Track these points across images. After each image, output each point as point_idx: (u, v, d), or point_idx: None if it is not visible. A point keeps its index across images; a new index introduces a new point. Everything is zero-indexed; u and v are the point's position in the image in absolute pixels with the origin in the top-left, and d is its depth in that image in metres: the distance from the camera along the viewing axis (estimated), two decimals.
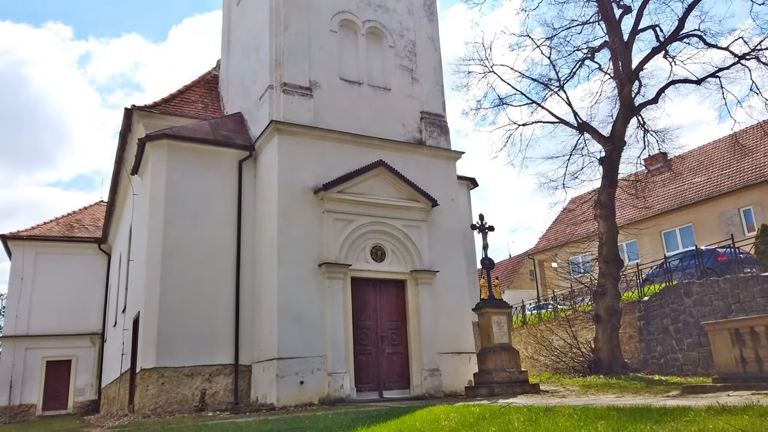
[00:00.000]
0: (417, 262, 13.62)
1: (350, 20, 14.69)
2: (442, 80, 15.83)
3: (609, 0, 16.27)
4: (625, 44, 16.05)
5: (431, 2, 16.31)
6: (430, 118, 15.17)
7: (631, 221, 25.83)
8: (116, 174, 18.73)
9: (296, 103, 13.25)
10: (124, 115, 15.48)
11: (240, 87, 16.21)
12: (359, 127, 13.86)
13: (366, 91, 14.46)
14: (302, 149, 13.02)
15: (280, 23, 13.66)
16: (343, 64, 14.30)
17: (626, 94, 15.75)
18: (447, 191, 14.70)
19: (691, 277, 16.19)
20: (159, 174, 13.18)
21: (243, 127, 14.95)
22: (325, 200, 12.85)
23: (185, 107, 16.45)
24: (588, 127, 16.50)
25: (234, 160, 13.90)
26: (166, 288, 12.40)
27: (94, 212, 26.67)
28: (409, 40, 15.55)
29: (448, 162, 15.16)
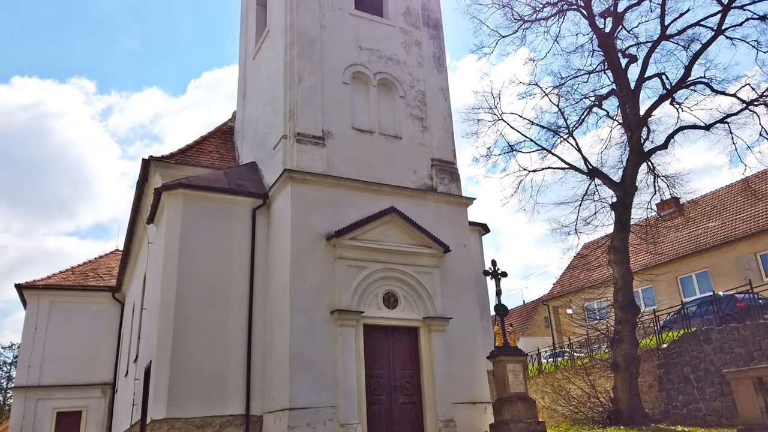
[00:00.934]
0: (430, 308, 13.53)
1: (362, 72, 15.13)
2: (452, 128, 16.11)
3: (615, 50, 16.62)
4: (632, 92, 16.30)
5: (440, 54, 16.78)
6: (441, 165, 15.36)
7: (646, 267, 25.54)
8: (132, 223, 19.02)
9: (309, 152, 13.52)
10: (141, 166, 15.85)
11: (255, 137, 16.60)
12: (371, 175, 14.07)
13: (377, 140, 14.74)
14: (315, 197, 13.20)
15: (294, 76, 14.10)
16: (355, 114, 14.65)
17: (635, 140, 15.89)
18: (459, 237, 14.73)
19: (710, 323, 15.87)
20: (174, 222, 13.37)
21: (257, 176, 15.23)
22: (338, 247, 12.93)
23: (201, 157, 16.82)
24: (598, 172, 16.59)
25: (248, 208, 14.10)
26: (178, 337, 12.38)
27: (110, 261, 26.94)
28: (420, 90, 15.93)
29: (460, 208, 15.25)
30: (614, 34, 16.70)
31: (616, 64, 16.48)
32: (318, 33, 14.81)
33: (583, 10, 16.81)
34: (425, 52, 16.48)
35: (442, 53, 16.85)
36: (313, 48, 14.58)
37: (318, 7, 15.06)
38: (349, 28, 15.39)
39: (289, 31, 14.56)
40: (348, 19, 15.50)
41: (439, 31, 17.08)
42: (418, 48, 16.42)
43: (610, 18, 16.81)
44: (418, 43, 16.49)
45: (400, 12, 16.56)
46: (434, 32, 16.94)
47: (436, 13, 17.26)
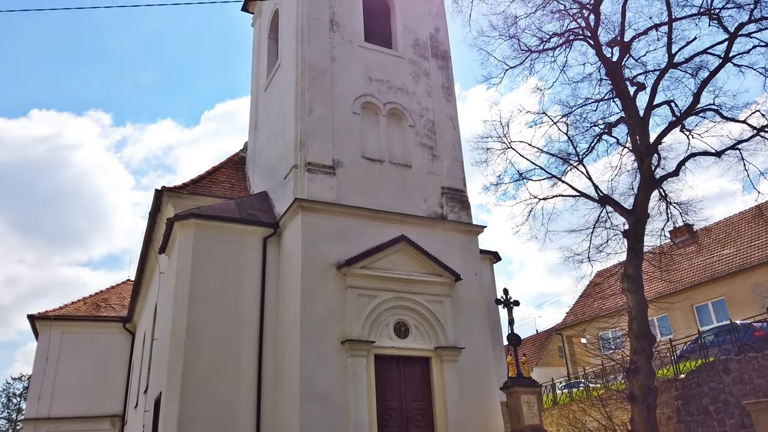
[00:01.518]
0: (441, 338, 13.38)
1: (371, 102, 15.32)
2: (461, 157, 16.19)
3: (623, 78, 16.71)
4: (642, 119, 16.30)
5: (449, 84, 16.98)
6: (451, 194, 15.39)
7: (660, 295, 25.17)
8: (144, 253, 19.14)
9: (320, 182, 13.62)
10: (154, 197, 16.02)
11: (266, 167, 16.76)
12: (381, 203, 14.11)
13: (387, 169, 14.83)
14: (325, 226, 13.23)
15: (305, 107, 14.31)
16: (365, 143, 14.78)
17: (646, 167, 15.82)
18: (470, 265, 14.65)
19: (729, 353, 15.53)
20: (185, 252, 13.43)
21: (268, 205, 15.32)
22: (348, 276, 12.89)
23: (213, 187, 16.98)
24: (609, 200, 16.50)
25: (259, 237, 14.15)
26: (188, 368, 12.31)
27: (121, 291, 27.02)
28: (429, 119, 16.08)
29: (470, 236, 15.21)
30: (622, 63, 16.80)
31: (625, 92, 16.53)
32: (328, 65, 15.06)
33: (590, 40, 16.96)
34: (434, 82, 16.69)
35: (450, 83, 17.04)
36: (324, 79, 14.82)
37: (328, 40, 15.36)
38: (359, 60, 15.65)
39: (300, 64, 14.83)
40: (358, 51, 15.77)
41: (448, 62, 17.31)
42: (426, 78, 16.63)
43: (617, 47, 16.94)
44: (426, 73, 16.71)
45: (409, 44, 16.83)
46: (443, 63, 17.17)
47: (444, 45, 17.53)
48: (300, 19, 15.38)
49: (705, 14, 15.54)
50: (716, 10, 15.30)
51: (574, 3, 16.94)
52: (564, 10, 17.08)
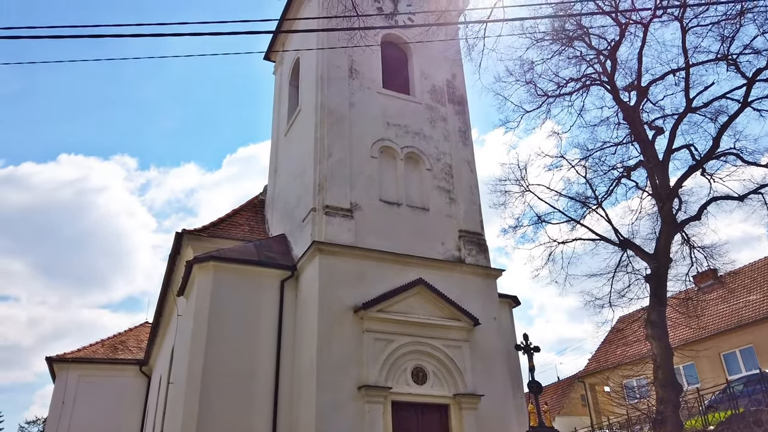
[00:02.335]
0: (460, 384, 13.08)
1: (389, 147, 15.52)
2: (479, 200, 16.20)
3: (641, 122, 16.72)
4: (661, 163, 16.21)
5: (466, 129, 17.16)
6: (469, 237, 15.33)
7: (686, 342, 24.43)
8: (162, 296, 19.22)
9: (337, 224, 13.69)
10: (174, 239, 16.20)
11: (284, 210, 16.92)
12: (398, 247, 14.09)
13: (405, 212, 14.88)
14: (343, 268, 13.21)
15: (324, 151, 14.53)
16: (383, 187, 14.90)
17: (667, 211, 15.64)
18: (488, 310, 14.44)
19: (759, 403, 14.92)
20: (204, 294, 13.46)
21: (286, 248, 15.39)
22: (365, 319, 12.77)
23: (232, 230, 17.14)
24: (630, 244, 16.28)
25: (276, 280, 14.16)
26: (204, 413, 12.15)
27: (139, 334, 27.04)
28: (446, 163, 16.20)
29: (489, 280, 15.05)
30: (639, 107, 16.84)
31: (643, 136, 16.51)
32: (347, 110, 15.37)
33: (607, 85, 17.08)
34: (451, 126, 16.89)
35: (467, 127, 17.23)
36: (343, 124, 15.09)
37: (347, 87, 15.72)
38: (377, 105, 15.95)
39: (320, 109, 15.16)
40: (376, 97, 16.10)
41: (464, 107, 17.56)
42: (443, 123, 16.85)
43: (635, 92, 17.03)
44: (443, 118, 16.94)
45: (426, 90, 17.14)
46: (459, 108, 17.42)
47: (461, 90, 17.82)
48: (320, 66, 15.81)
49: (722, 60, 15.60)
50: (733, 56, 15.37)
51: (591, 49, 17.17)
52: (580, 56, 17.30)
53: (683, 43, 15.47)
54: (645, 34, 15.99)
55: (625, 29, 16.14)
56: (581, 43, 17.04)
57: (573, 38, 16.87)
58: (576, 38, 16.88)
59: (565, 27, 16.76)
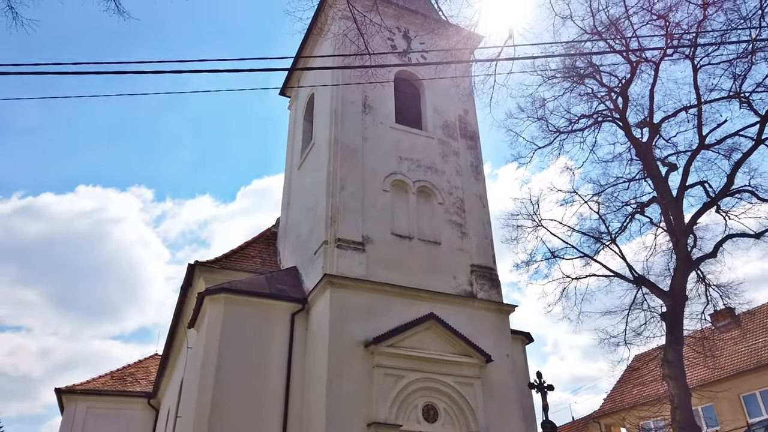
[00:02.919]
0: (472, 423, 12.79)
1: (401, 180, 15.61)
2: (491, 234, 16.14)
3: (653, 159, 16.70)
4: (675, 200, 16.11)
5: (478, 163, 17.24)
6: (481, 271, 15.23)
7: (704, 382, 23.78)
8: (173, 327, 19.19)
9: (349, 257, 13.68)
10: (186, 271, 16.25)
11: (296, 242, 16.97)
12: (410, 280, 14.02)
13: (417, 245, 14.85)
14: (354, 302, 13.14)
15: (337, 184, 14.65)
16: (395, 220, 14.93)
17: (682, 248, 15.46)
18: (501, 346, 14.22)
19: None
20: (214, 327, 13.42)
21: (297, 280, 15.37)
22: (376, 354, 12.63)
23: (244, 262, 17.18)
24: (645, 281, 16.08)
25: (287, 313, 14.10)
26: None
27: (148, 366, 26.89)
28: (458, 197, 16.23)
29: (501, 316, 14.87)
30: (652, 144, 16.86)
31: (656, 173, 16.48)
32: (360, 144, 15.55)
33: (619, 121, 17.16)
34: (463, 161, 16.98)
35: (479, 162, 17.31)
36: (355, 158, 15.24)
37: (361, 122, 15.95)
38: (389, 140, 16.12)
39: (333, 143, 15.35)
40: (389, 132, 16.28)
41: (476, 142, 17.68)
42: (455, 157, 16.95)
43: (647, 128, 17.07)
44: (455, 153, 17.06)
45: (438, 125, 17.32)
46: (471, 143, 17.54)
47: (473, 126, 17.98)
48: (334, 102, 16.08)
49: (735, 97, 15.65)
50: (746, 94, 15.41)
51: (602, 86, 17.31)
52: (592, 93, 17.45)
53: (695, 80, 15.57)
54: (656, 72, 16.14)
55: (636, 67, 16.30)
56: (592, 80, 17.21)
57: (584, 76, 17.05)
58: (587, 76, 17.06)
59: (576, 65, 16.97)
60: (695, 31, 14.08)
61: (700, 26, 12.91)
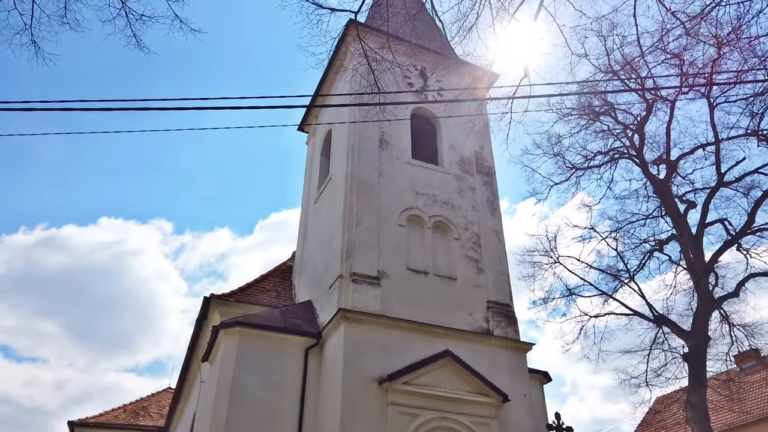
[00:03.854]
0: None
1: (417, 215, 15.65)
2: (507, 270, 16.02)
3: (671, 196, 16.61)
4: (694, 237, 15.94)
5: (494, 199, 17.26)
6: (497, 308, 15.06)
7: (729, 427, 22.97)
8: (187, 361, 19.12)
9: (364, 292, 13.64)
10: (202, 304, 16.29)
11: (312, 276, 16.98)
12: (425, 316, 13.90)
13: (432, 281, 14.77)
14: (368, 337, 13.03)
15: (353, 219, 14.73)
16: (410, 255, 14.90)
17: (703, 287, 15.20)
18: (518, 385, 13.93)
19: None
20: (228, 360, 13.36)
21: (312, 315, 15.32)
22: (390, 392, 12.44)
23: (259, 296, 17.19)
24: (666, 320, 15.79)
25: (301, 347, 14.01)
26: None
27: (161, 399, 26.74)
28: (474, 232, 16.19)
29: (518, 354, 14.62)
30: (669, 181, 16.80)
31: (674, 210, 16.36)
32: (376, 179, 15.68)
33: (636, 159, 17.16)
34: (479, 196, 17.01)
35: (495, 197, 17.33)
36: (372, 193, 15.36)
37: (377, 157, 16.12)
38: (405, 175, 16.25)
39: (350, 178, 15.50)
40: (405, 167, 16.42)
41: (492, 178, 17.74)
42: (471, 193, 16.99)
43: (664, 165, 17.03)
44: (471, 188, 17.10)
45: (454, 161, 17.44)
46: (487, 179, 17.60)
47: (489, 161, 18.07)
48: (351, 137, 16.32)
49: (753, 135, 15.61)
50: (764, 132, 15.37)
51: (618, 124, 17.38)
52: (608, 130, 17.53)
53: (711, 118, 15.60)
54: (672, 109, 16.21)
55: (651, 105, 16.39)
56: (608, 117, 17.31)
57: (599, 113, 17.15)
58: (602, 113, 17.17)
59: (592, 102, 17.10)
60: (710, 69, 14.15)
61: (716, 65, 12.98)
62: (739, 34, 11.35)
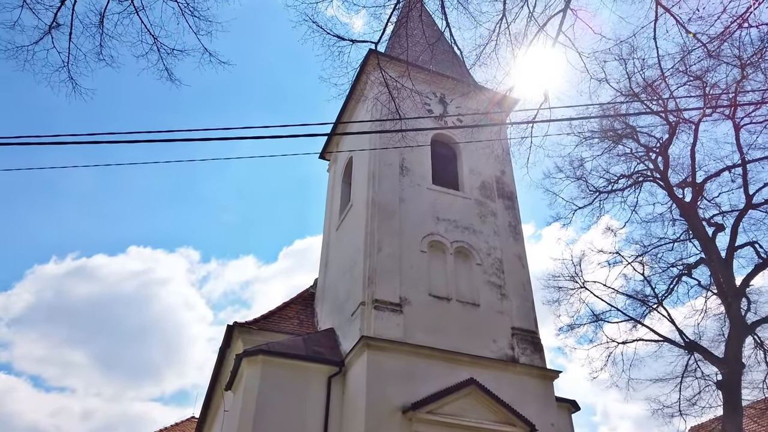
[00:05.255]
0: None
1: (439, 241, 15.58)
2: (532, 296, 15.79)
3: (698, 219, 16.30)
4: (724, 261, 15.56)
5: (516, 224, 17.12)
6: (522, 335, 14.80)
7: None
8: (210, 389, 19.10)
9: (386, 319, 13.54)
10: (225, 332, 16.34)
11: (334, 304, 16.95)
12: (448, 343, 13.72)
13: (455, 307, 14.62)
14: (391, 365, 12.89)
15: (374, 245, 14.73)
16: (432, 281, 14.79)
17: (734, 312, 14.79)
18: (546, 414, 13.58)
19: None
20: (251, 389, 13.31)
21: (334, 342, 15.24)
22: (414, 421, 12.23)
23: (282, 323, 17.19)
24: (697, 346, 15.35)
25: (324, 376, 13.91)
26: None
27: (185, 429, 26.66)
28: (496, 258, 16.04)
29: (545, 382, 14.29)
30: (696, 204, 16.51)
31: (702, 233, 16.04)
32: (397, 206, 15.71)
33: (660, 181, 16.93)
34: (501, 221, 16.90)
35: (517, 222, 17.19)
36: (393, 219, 15.37)
37: (398, 183, 16.18)
38: (426, 201, 16.24)
39: (371, 205, 15.55)
40: (426, 193, 16.43)
41: (514, 202, 17.63)
42: (493, 218, 16.89)
43: (689, 188, 16.77)
44: (493, 213, 17.01)
45: (475, 186, 17.40)
46: (509, 203, 17.50)
47: (510, 186, 17.99)
48: (372, 164, 16.42)
49: None
50: None
51: (641, 146, 17.22)
52: (631, 153, 17.37)
53: (737, 140, 15.37)
54: (696, 132, 16.03)
55: (675, 127, 16.23)
56: (630, 140, 17.16)
57: (622, 136, 17.03)
58: (625, 136, 17.04)
59: (614, 125, 17.00)
60: (735, 91, 13.98)
61: (739, 86, 12.83)
62: (764, 55, 11.24)
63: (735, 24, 8.26)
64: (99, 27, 9.53)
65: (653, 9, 9.08)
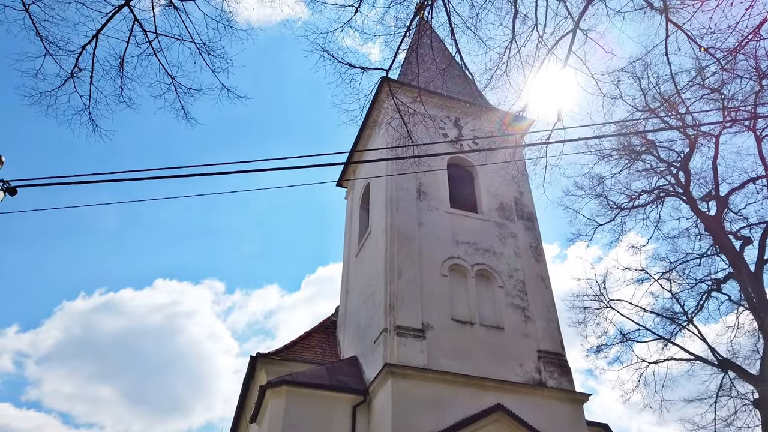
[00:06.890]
0: None
1: (459, 265, 15.47)
2: (557, 317, 15.52)
3: (725, 233, 15.97)
4: (754, 275, 15.17)
5: (537, 244, 16.94)
6: (549, 358, 14.52)
7: None
8: (236, 422, 19.03)
9: (409, 345, 13.41)
10: (249, 364, 16.33)
11: (356, 331, 16.85)
12: (473, 368, 13.51)
13: (478, 331, 14.43)
14: (416, 393, 12.71)
15: (394, 271, 14.67)
16: (454, 305, 14.65)
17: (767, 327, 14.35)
18: None
19: None
20: (276, 421, 13.22)
21: (358, 370, 15.11)
22: None
23: (305, 353, 17.13)
24: (731, 364, 14.89)
25: (348, 405, 13.76)
26: None
27: None
28: (519, 279, 15.85)
29: (575, 405, 13.94)
30: (721, 217, 16.19)
31: (729, 247, 15.69)
32: (416, 230, 15.67)
33: (683, 196, 16.66)
34: (521, 243, 16.74)
35: (538, 243, 17.01)
36: (412, 244, 15.32)
37: (416, 208, 16.17)
38: (445, 225, 16.18)
39: (390, 230, 15.54)
40: (444, 217, 16.39)
41: (534, 223, 17.48)
42: (514, 239, 16.74)
43: (713, 201, 16.47)
44: (513, 234, 16.87)
45: (494, 207, 17.31)
46: (529, 224, 17.35)
47: (529, 207, 17.86)
48: (389, 190, 16.47)
49: None
50: None
51: (661, 162, 17.01)
52: (651, 168, 17.15)
53: (759, 150, 15.12)
54: (717, 144, 15.81)
55: (694, 141, 16.02)
56: (650, 156, 16.96)
57: (640, 152, 16.85)
58: (644, 152, 16.85)
59: (631, 142, 16.84)
60: (754, 102, 13.79)
61: (758, 97, 12.66)
62: None
63: (747, 38, 8.18)
64: (119, 70, 9.82)
65: (663, 26, 9.05)
